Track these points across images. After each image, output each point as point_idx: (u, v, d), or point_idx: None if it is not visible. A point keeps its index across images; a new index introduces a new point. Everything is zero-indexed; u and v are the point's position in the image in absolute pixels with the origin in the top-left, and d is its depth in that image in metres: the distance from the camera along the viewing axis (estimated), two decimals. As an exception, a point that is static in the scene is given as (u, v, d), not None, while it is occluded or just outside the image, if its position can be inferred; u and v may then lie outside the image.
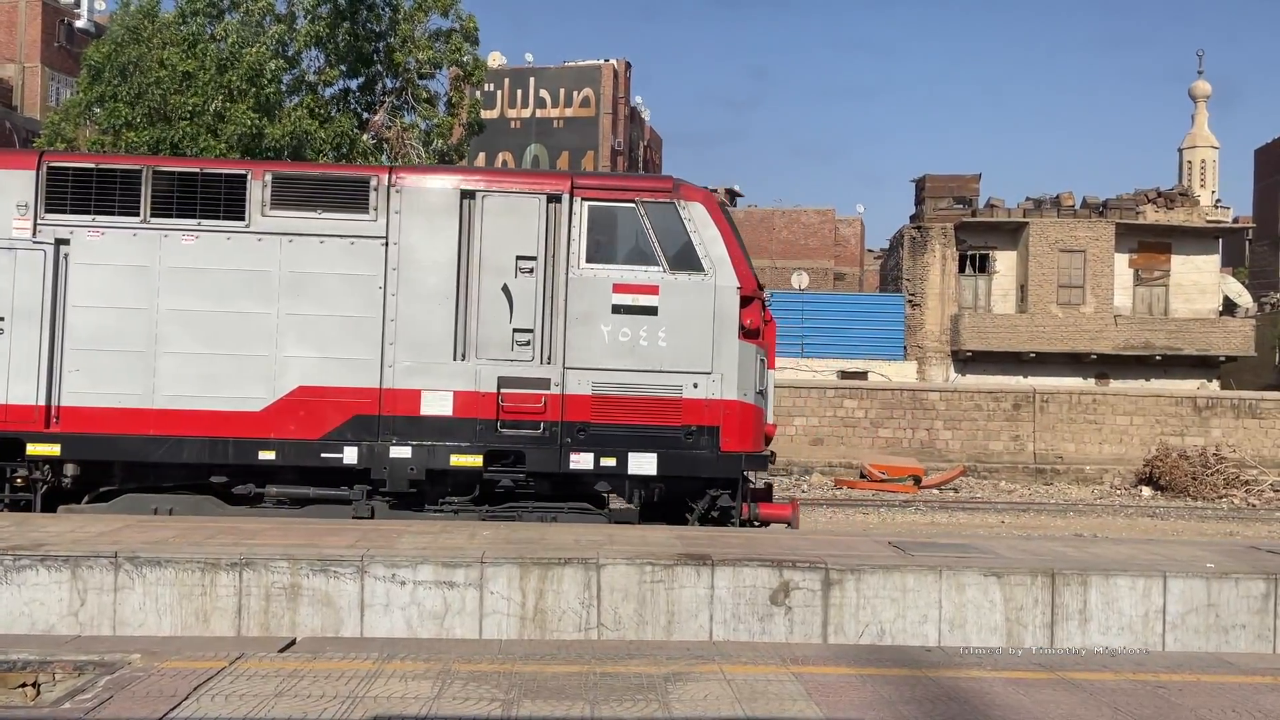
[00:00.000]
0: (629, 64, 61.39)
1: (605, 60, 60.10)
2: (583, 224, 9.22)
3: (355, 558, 6.85)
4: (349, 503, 9.19)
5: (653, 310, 9.13)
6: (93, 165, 9.28)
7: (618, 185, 9.61)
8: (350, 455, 9.02)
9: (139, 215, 9.07)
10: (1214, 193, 67.20)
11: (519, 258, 9.12)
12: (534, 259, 9.11)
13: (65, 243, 9.03)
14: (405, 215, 9.15)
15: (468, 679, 5.80)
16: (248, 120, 20.98)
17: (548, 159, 57.79)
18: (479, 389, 9.07)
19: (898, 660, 6.52)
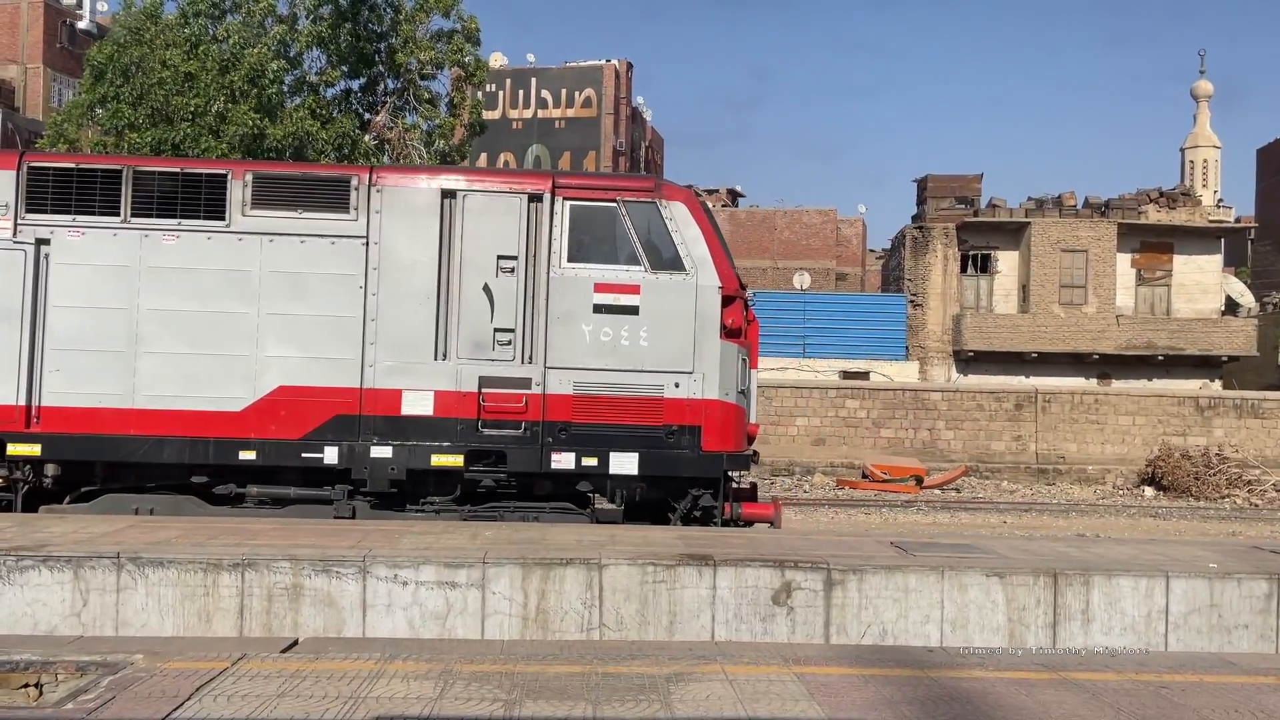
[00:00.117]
0: (630, 64, 61.38)
1: (607, 60, 60.08)
2: (564, 223, 9.19)
3: (357, 558, 6.85)
4: (330, 503, 9.16)
5: (634, 310, 9.11)
6: (73, 165, 9.27)
7: (599, 185, 9.57)
8: (331, 455, 9.00)
9: (119, 215, 9.06)
10: (1216, 192, 67.14)
11: (500, 257, 9.10)
12: (515, 258, 9.10)
13: (46, 242, 9.01)
14: (386, 215, 9.13)
15: (470, 679, 5.81)
16: (249, 121, 21.00)
17: (549, 159, 57.74)
18: (460, 389, 9.05)
19: (900, 660, 6.51)
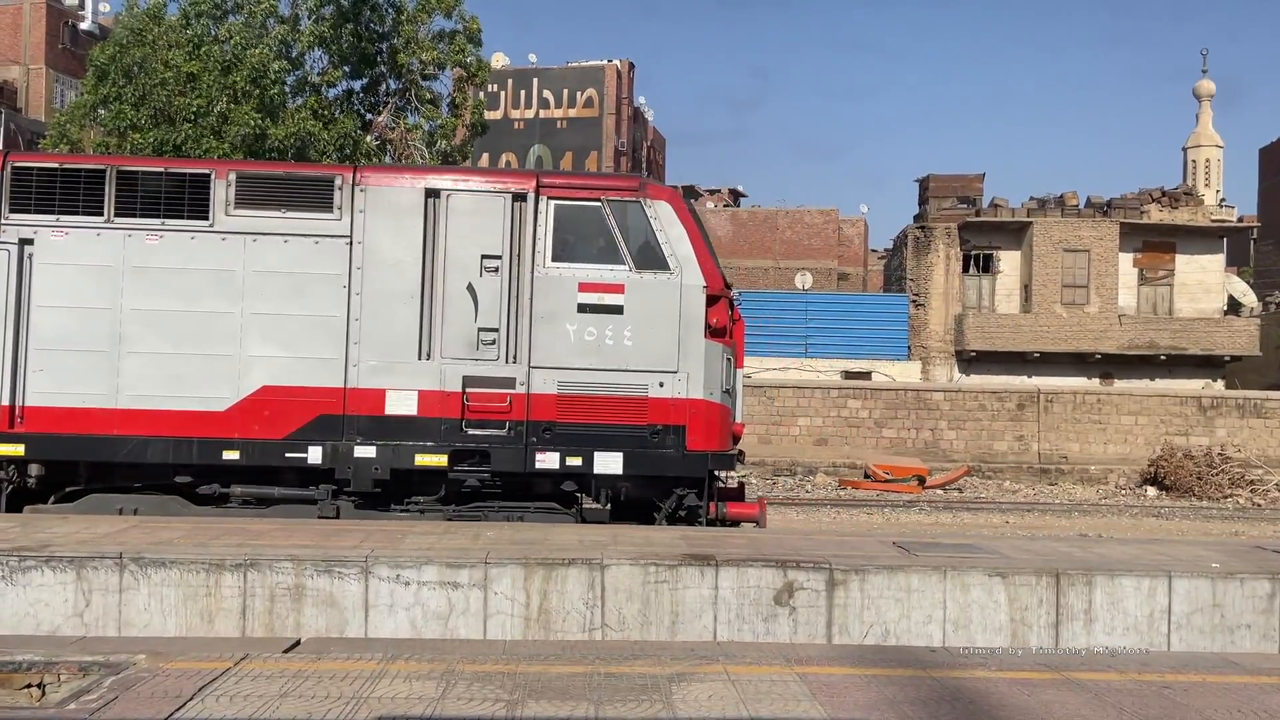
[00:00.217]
0: (632, 64, 61.40)
1: (609, 61, 60.09)
2: (548, 223, 9.17)
3: (360, 558, 6.85)
4: (315, 502, 9.15)
5: (618, 309, 9.09)
6: (57, 165, 9.26)
7: (584, 184, 9.53)
8: (315, 455, 8.98)
9: (103, 215, 9.04)
10: (1218, 192, 67.05)
11: (484, 257, 9.08)
12: (499, 258, 9.08)
13: (30, 242, 9.00)
14: (370, 214, 9.11)
15: (472, 679, 5.81)
16: (251, 121, 21.01)
17: (551, 159, 57.74)
18: (444, 388, 9.03)
19: (902, 661, 6.51)
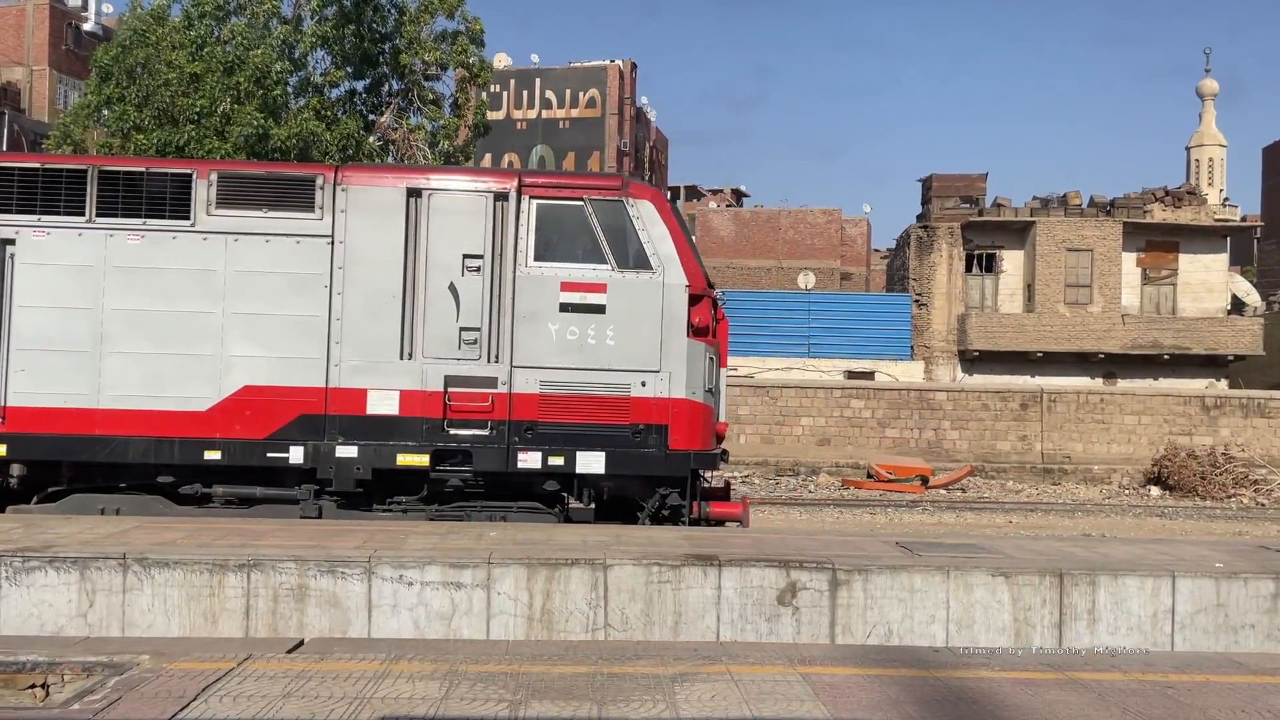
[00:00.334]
0: (635, 65, 61.42)
1: (611, 61, 60.12)
2: (530, 222, 9.16)
3: (363, 559, 6.86)
4: (297, 502, 9.14)
5: (600, 309, 9.07)
6: (38, 165, 9.26)
7: (566, 183, 9.52)
8: (296, 455, 8.97)
9: (85, 215, 9.03)
10: (1222, 191, 67.02)
11: (466, 256, 9.07)
12: (481, 257, 9.08)
13: (11, 242, 9.00)
14: (351, 214, 9.11)
15: (475, 679, 5.81)
16: (254, 122, 21.02)
17: (553, 160, 57.79)
18: (426, 388, 9.02)
19: (905, 661, 6.50)
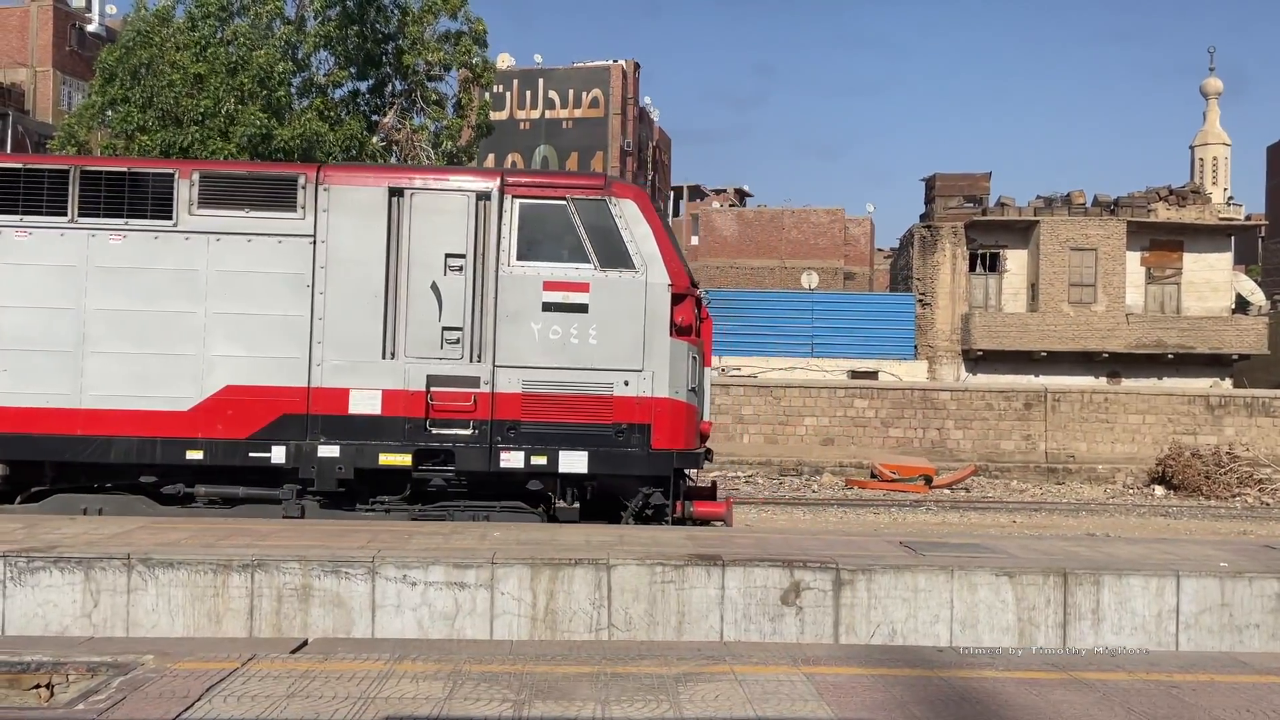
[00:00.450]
0: (638, 65, 61.45)
1: (614, 61, 60.14)
2: (513, 222, 9.15)
3: (366, 559, 6.86)
4: (279, 502, 9.14)
5: (583, 308, 9.06)
6: (20, 165, 9.25)
7: (548, 183, 9.49)
8: (278, 455, 8.97)
9: (67, 215, 9.03)
10: (1226, 190, 66.91)
11: (448, 255, 9.06)
12: (463, 257, 9.07)
13: None
14: (333, 213, 9.10)
15: (479, 679, 5.81)
16: (258, 122, 21.05)
17: (557, 160, 57.83)
18: (408, 387, 9.01)
19: (909, 660, 6.50)
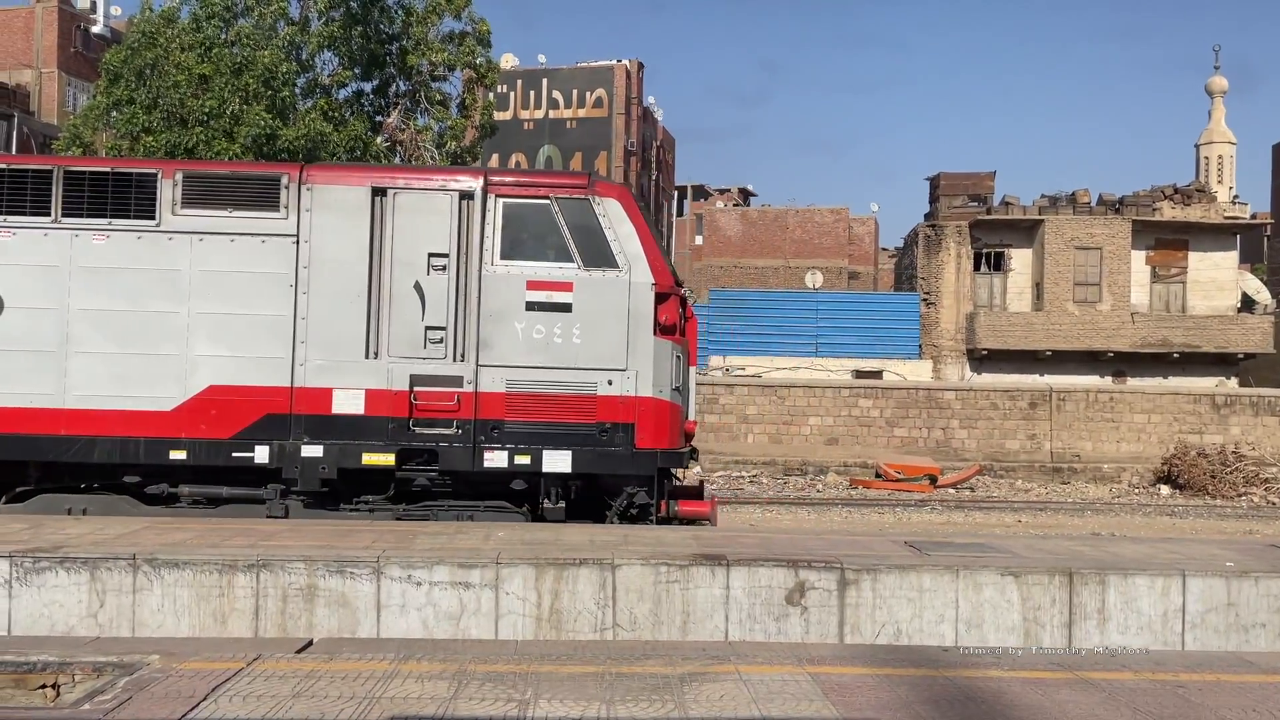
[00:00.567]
0: (641, 64, 61.43)
1: (618, 61, 60.13)
2: (497, 221, 9.14)
3: (371, 559, 6.87)
4: (263, 502, 9.15)
5: (567, 307, 9.06)
6: (4, 166, 9.26)
7: (532, 182, 9.48)
8: (261, 454, 8.97)
9: (50, 215, 9.03)
10: (1231, 189, 66.70)
11: (431, 255, 9.06)
12: (446, 256, 9.07)
13: None
14: (316, 213, 9.10)
15: (484, 679, 5.82)
16: (262, 122, 21.08)
17: (561, 160, 57.82)
18: (391, 387, 9.01)
19: (914, 660, 6.49)
